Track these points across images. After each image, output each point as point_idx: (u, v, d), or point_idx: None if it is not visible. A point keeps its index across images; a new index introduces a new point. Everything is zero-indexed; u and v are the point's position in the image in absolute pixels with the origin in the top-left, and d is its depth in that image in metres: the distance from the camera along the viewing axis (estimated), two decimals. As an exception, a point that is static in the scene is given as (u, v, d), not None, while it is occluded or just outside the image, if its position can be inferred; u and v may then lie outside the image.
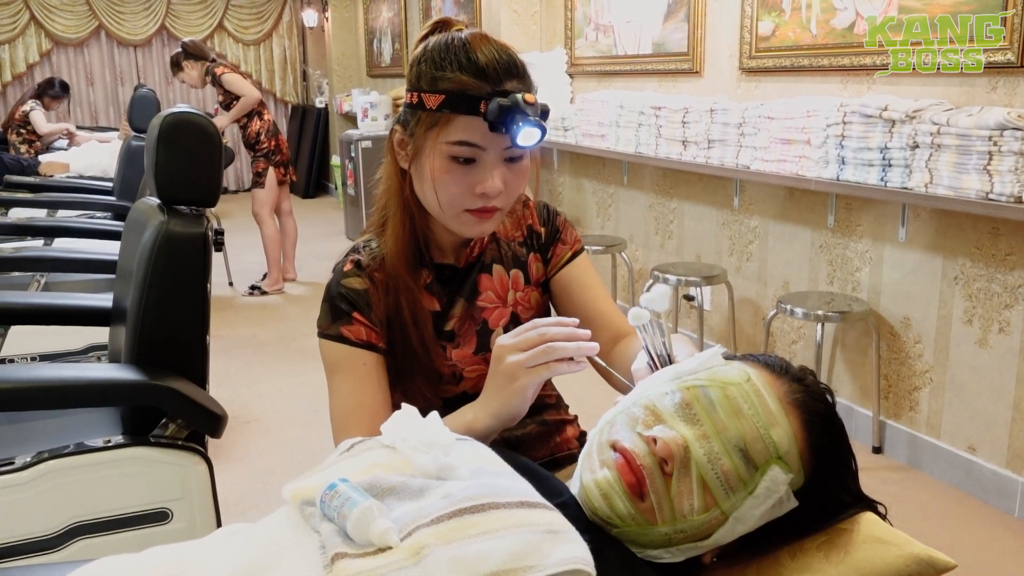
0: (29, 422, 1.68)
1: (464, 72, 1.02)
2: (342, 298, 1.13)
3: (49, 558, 1.40)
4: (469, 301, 1.19)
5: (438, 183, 1.06)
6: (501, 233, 1.24)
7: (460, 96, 1.02)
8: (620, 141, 3.79)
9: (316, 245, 6.34)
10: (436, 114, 1.04)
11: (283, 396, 3.43)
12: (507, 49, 1.06)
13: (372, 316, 1.13)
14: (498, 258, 1.22)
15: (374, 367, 1.12)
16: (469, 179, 1.05)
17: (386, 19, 7.49)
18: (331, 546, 0.72)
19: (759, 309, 3.36)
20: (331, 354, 1.14)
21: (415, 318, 1.13)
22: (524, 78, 1.06)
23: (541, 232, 1.26)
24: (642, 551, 0.84)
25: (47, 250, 2.92)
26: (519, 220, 1.25)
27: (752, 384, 0.84)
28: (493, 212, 1.09)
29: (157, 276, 1.49)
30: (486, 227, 1.11)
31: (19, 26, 8.14)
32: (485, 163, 1.05)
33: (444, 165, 1.05)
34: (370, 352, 1.12)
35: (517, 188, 1.10)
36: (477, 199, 1.06)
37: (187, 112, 1.59)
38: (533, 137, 1.01)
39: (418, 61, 1.07)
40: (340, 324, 1.13)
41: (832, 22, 2.82)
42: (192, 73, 4.90)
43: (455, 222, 1.10)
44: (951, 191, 2.30)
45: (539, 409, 1.24)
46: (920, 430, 2.72)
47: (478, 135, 1.03)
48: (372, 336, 1.13)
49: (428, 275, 1.18)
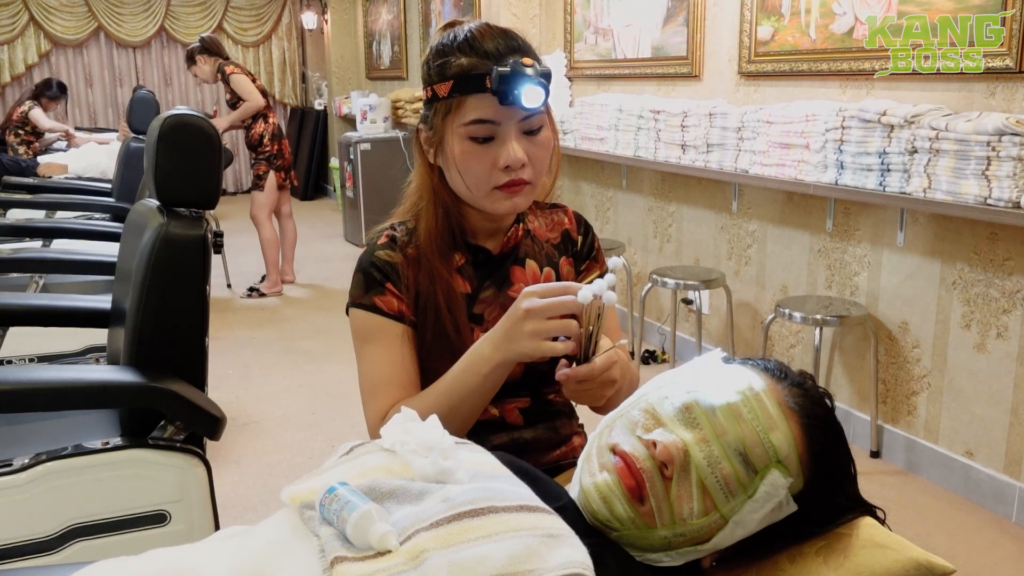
0: (27, 424, 1.67)
1: (467, 56, 1.07)
2: (376, 268, 1.16)
3: (47, 560, 1.39)
4: (500, 289, 1.21)
5: (462, 165, 1.11)
6: (537, 231, 1.27)
7: (466, 77, 1.07)
8: (619, 145, 3.79)
9: (315, 247, 6.34)
10: (449, 100, 1.09)
11: (282, 398, 3.42)
12: (509, 32, 1.11)
13: (403, 289, 1.16)
14: (532, 253, 1.25)
15: (405, 338, 1.15)
16: (490, 155, 1.09)
17: (385, 22, 7.50)
18: (330, 550, 0.72)
19: (757, 313, 3.37)
20: (363, 323, 1.16)
21: (449, 304, 1.16)
22: (528, 52, 1.10)
23: (577, 241, 1.29)
24: (641, 555, 0.85)
25: (45, 251, 2.91)
26: (555, 223, 1.29)
27: (751, 388, 0.85)
28: (522, 185, 1.12)
29: (156, 278, 1.49)
30: (518, 201, 1.14)
31: (18, 27, 8.14)
32: (503, 137, 1.09)
33: (465, 147, 1.09)
34: (401, 324, 1.15)
35: (542, 160, 1.14)
36: (502, 174, 1.10)
37: (187, 114, 1.59)
38: (538, 97, 1.06)
39: (428, 59, 1.13)
40: (373, 294, 1.15)
41: (831, 27, 2.83)
42: (205, 68, 4.92)
43: (487, 201, 1.13)
44: (949, 196, 2.31)
45: (552, 416, 1.25)
46: (918, 435, 2.72)
47: (491, 111, 1.07)
48: (403, 308, 1.15)
49: (462, 258, 1.20)
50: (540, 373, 1.21)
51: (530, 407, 1.23)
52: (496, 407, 1.21)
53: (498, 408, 1.21)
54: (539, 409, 1.24)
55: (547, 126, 1.13)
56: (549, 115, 1.15)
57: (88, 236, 2.96)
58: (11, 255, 2.53)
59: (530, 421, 1.23)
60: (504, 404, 1.21)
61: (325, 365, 3.81)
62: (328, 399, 3.40)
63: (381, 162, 6.32)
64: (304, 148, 8.90)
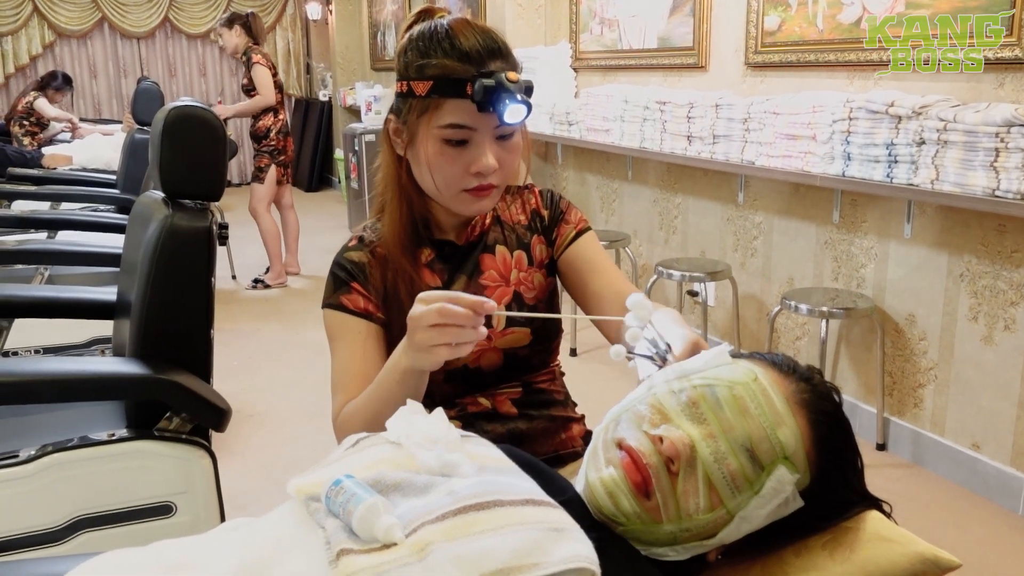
0: (33, 415, 1.68)
1: (448, 57, 1.07)
2: (342, 268, 1.19)
3: (53, 551, 1.40)
4: (471, 278, 1.21)
5: (433, 166, 1.11)
6: (505, 217, 1.27)
7: (447, 81, 1.06)
8: (624, 136, 3.78)
9: (319, 238, 6.34)
10: (426, 100, 1.08)
11: (287, 390, 3.43)
12: (489, 32, 1.10)
13: (370, 288, 1.17)
14: (501, 240, 1.25)
15: (370, 336, 1.16)
16: (463, 159, 1.10)
17: (390, 12, 7.48)
18: (336, 542, 0.72)
19: (763, 305, 3.36)
20: (332, 322, 1.19)
21: (413, 299, 1.14)
22: (508, 58, 1.10)
23: (544, 215, 1.28)
24: (647, 549, 0.84)
25: (51, 243, 2.91)
26: (523, 205, 1.29)
27: (759, 383, 0.84)
28: (490, 190, 1.13)
29: (161, 270, 1.49)
30: (484, 204, 1.15)
31: (22, 17, 8.13)
32: (477, 143, 1.09)
33: (438, 148, 1.10)
34: (367, 321, 1.17)
35: (511, 165, 1.14)
36: (472, 178, 1.11)
37: (192, 106, 1.58)
38: (519, 114, 1.06)
39: (405, 51, 1.12)
40: (340, 293, 1.18)
41: (838, 17, 2.81)
42: (234, 41, 4.89)
43: (454, 202, 1.15)
44: (957, 188, 2.29)
45: (546, 404, 1.25)
46: (924, 427, 2.72)
47: (467, 117, 1.07)
48: (369, 306, 1.17)
49: (430, 253, 1.22)
50: (521, 358, 1.21)
51: (522, 397, 1.23)
52: (487, 398, 1.21)
53: (489, 399, 1.21)
54: (532, 399, 1.23)
55: (519, 131, 1.14)
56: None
57: (93, 228, 2.96)
58: (16, 247, 2.54)
59: (524, 411, 1.22)
60: (495, 395, 1.21)
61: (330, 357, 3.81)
62: (333, 390, 3.40)
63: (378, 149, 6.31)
64: (309, 139, 8.90)
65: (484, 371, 1.20)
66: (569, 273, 1.26)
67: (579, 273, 1.25)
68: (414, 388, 1.01)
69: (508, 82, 1.04)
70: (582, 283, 1.24)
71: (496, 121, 1.07)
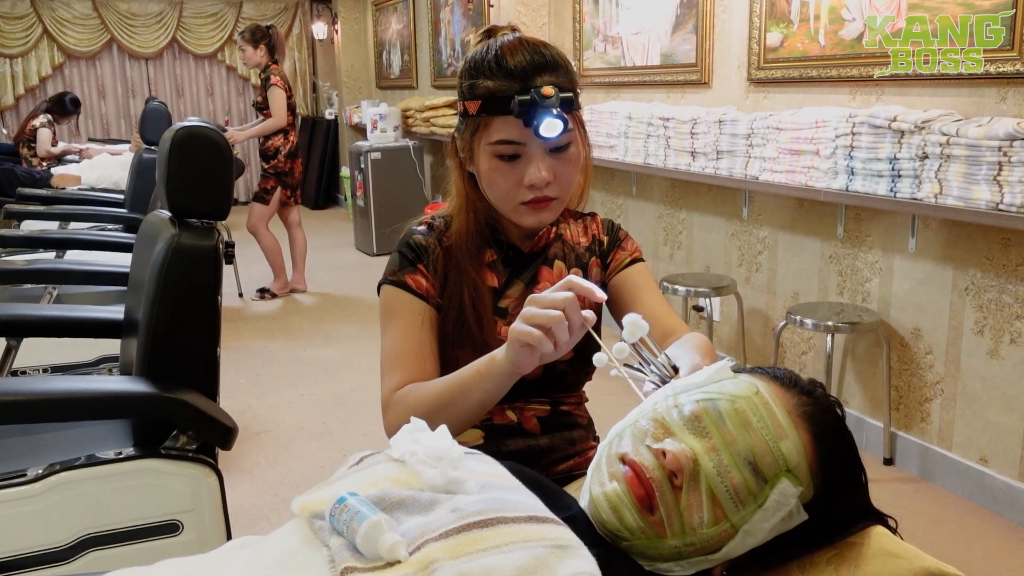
0: (41, 434, 1.68)
1: (495, 76, 1.11)
2: (411, 249, 1.22)
3: (60, 570, 1.40)
4: (527, 286, 1.25)
5: (488, 182, 1.16)
6: (568, 236, 1.31)
7: (492, 99, 1.11)
8: (629, 152, 3.79)
9: (326, 256, 6.36)
10: (477, 119, 1.14)
11: (293, 407, 3.43)
12: (540, 47, 1.13)
13: (432, 271, 1.20)
14: (561, 256, 1.28)
15: (427, 318, 1.19)
16: (516, 173, 1.14)
17: (395, 31, 7.53)
18: (340, 560, 0.72)
19: (769, 320, 3.35)
20: (391, 299, 1.20)
21: (474, 300, 1.20)
22: (558, 71, 1.12)
23: (604, 240, 1.33)
24: (651, 564, 0.84)
25: (59, 262, 2.93)
26: (586, 228, 1.33)
27: (761, 397, 0.84)
28: (548, 202, 1.16)
29: (168, 289, 1.50)
30: (543, 216, 1.18)
31: (32, 39, 8.23)
32: (529, 157, 1.13)
33: (492, 164, 1.14)
34: (426, 303, 1.19)
35: (568, 176, 1.17)
36: (527, 191, 1.14)
37: (199, 126, 1.60)
38: (555, 128, 1.08)
39: (462, 73, 1.17)
40: (405, 272, 1.20)
41: (840, 33, 2.82)
42: (255, 57, 4.91)
43: (514, 215, 1.19)
44: (961, 201, 2.30)
45: (569, 427, 1.26)
46: (931, 442, 2.70)
47: (516, 132, 1.11)
48: (431, 290, 1.20)
49: (493, 254, 1.25)
50: (558, 374, 1.22)
51: (548, 416, 1.24)
52: (515, 412, 1.22)
53: (516, 414, 1.22)
54: (557, 419, 1.25)
55: (576, 142, 1.16)
56: (579, 127, 1.17)
57: (101, 247, 2.98)
58: (25, 266, 2.56)
59: (547, 430, 1.24)
60: (523, 411, 1.22)
61: (337, 374, 3.82)
62: (339, 408, 3.41)
63: (392, 171, 6.36)
64: (315, 158, 8.94)
65: (524, 379, 1.19)
66: (616, 297, 1.28)
67: (625, 298, 1.27)
68: (500, 387, 1.02)
69: (543, 97, 1.06)
70: (626, 308, 1.25)
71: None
